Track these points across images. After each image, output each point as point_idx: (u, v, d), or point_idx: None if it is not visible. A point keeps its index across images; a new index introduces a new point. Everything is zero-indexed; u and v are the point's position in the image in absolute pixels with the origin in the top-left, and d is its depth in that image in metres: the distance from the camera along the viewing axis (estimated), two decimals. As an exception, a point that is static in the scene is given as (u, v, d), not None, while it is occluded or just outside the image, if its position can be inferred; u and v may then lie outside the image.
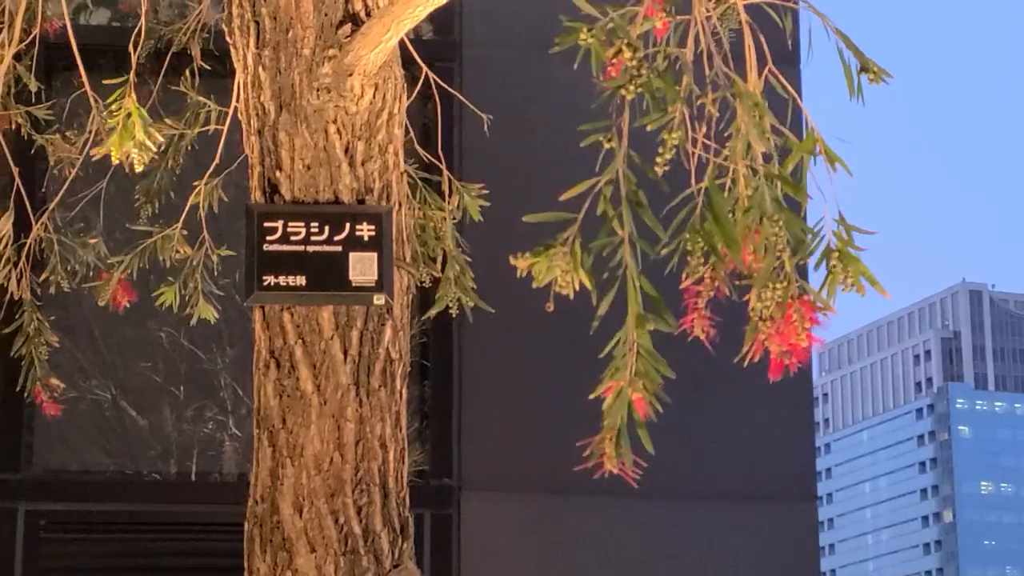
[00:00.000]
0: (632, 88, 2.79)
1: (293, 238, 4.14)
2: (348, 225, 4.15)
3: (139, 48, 5.65)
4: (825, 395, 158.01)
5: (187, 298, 5.77)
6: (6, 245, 5.75)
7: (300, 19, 4.22)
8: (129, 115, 5.21)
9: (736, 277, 3.11)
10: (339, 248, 4.14)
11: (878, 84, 3.48)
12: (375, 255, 4.13)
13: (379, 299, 4.13)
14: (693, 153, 2.99)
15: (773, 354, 3.09)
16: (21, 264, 5.82)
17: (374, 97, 4.23)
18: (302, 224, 4.15)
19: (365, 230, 4.15)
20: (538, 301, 5.72)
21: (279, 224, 4.15)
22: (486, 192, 5.70)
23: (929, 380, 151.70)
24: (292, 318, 4.13)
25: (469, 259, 5.48)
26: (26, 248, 5.86)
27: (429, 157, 5.56)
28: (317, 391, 4.09)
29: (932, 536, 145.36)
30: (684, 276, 3.15)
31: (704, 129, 3.02)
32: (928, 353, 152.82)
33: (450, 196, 5.65)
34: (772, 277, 3.07)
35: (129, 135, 5.19)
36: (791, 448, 8.31)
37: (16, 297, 5.85)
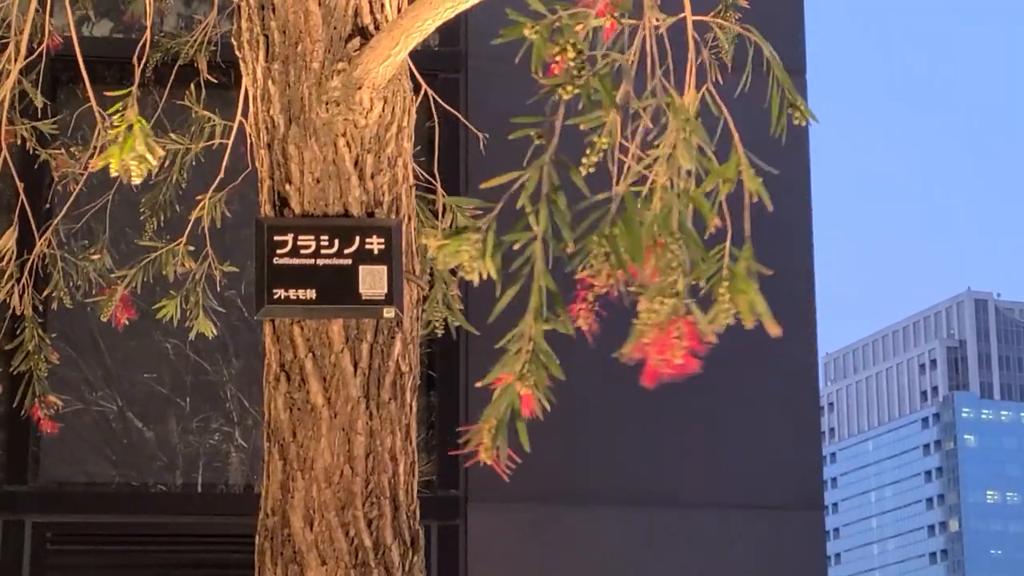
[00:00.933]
0: (570, 88, 2.79)
1: (303, 251, 4.15)
2: (358, 238, 4.16)
3: (144, 60, 5.67)
4: (831, 404, 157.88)
5: (188, 312, 5.77)
6: (9, 261, 5.75)
7: (309, 33, 4.23)
8: (131, 127, 5.21)
9: (631, 283, 3.10)
10: (349, 261, 4.15)
11: (803, 124, 3.47)
12: (385, 268, 4.14)
13: (389, 312, 4.13)
14: (622, 160, 2.99)
15: (651, 362, 3.08)
16: (24, 280, 5.82)
17: (383, 110, 4.23)
18: (312, 237, 4.15)
19: (375, 243, 4.16)
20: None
21: (289, 238, 4.15)
22: (479, 212, 5.71)
23: (935, 389, 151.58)
24: (302, 331, 4.13)
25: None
26: (29, 264, 5.86)
27: (424, 174, 5.56)
28: (327, 404, 4.09)
29: (938, 545, 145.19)
30: (580, 268, 3.14)
31: (636, 138, 3.01)
32: (934, 362, 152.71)
33: (443, 214, 5.67)
34: (664, 291, 3.06)
35: (129, 147, 5.20)
36: (797, 457, 8.31)
37: (18, 313, 5.85)
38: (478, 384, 2.72)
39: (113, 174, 5.29)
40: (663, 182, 2.97)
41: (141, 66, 5.59)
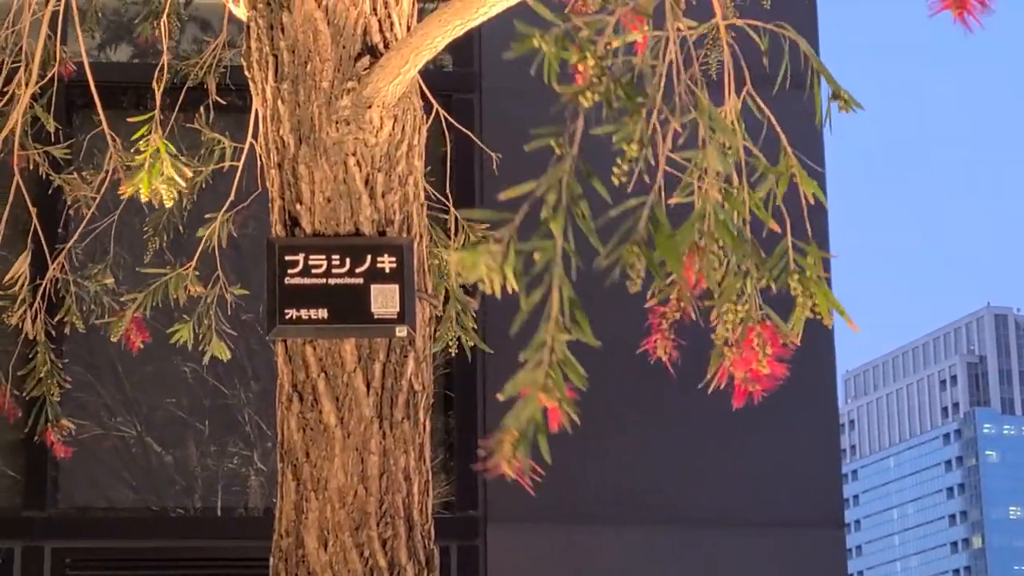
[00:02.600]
0: (590, 96, 2.77)
1: (314, 271, 4.14)
2: (369, 257, 4.15)
3: (163, 84, 5.68)
4: (851, 422, 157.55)
5: (201, 336, 5.77)
6: (22, 286, 5.75)
7: (318, 52, 4.23)
8: (157, 151, 5.23)
9: (701, 299, 3.09)
10: (361, 280, 4.14)
11: (847, 112, 3.45)
12: (397, 287, 4.13)
13: (401, 331, 4.12)
14: (658, 166, 2.96)
15: (737, 380, 3.05)
16: (36, 304, 5.82)
17: (393, 129, 4.23)
18: (323, 257, 4.14)
19: (386, 262, 4.15)
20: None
21: (300, 257, 4.14)
22: (491, 232, 5.70)
23: (955, 405, 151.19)
24: (315, 351, 4.12)
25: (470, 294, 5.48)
26: (42, 289, 5.86)
27: (436, 194, 5.56)
28: (340, 424, 4.08)
29: (961, 562, 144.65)
30: (648, 295, 3.12)
31: (666, 144, 2.99)
32: (954, 378, 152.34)
33: (456, 234, 5.66)
34: (733, 299, 3.04)
35: (157, 172, 5.21)
36: (818, 475, 8.28)
37: (31, 337, 5.85)
38: (499, 396, 2.69)
39: (144, 199, 5.30)
40: (708, 186, 2.95)
41: (160, 90, 5.60)
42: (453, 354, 5.79)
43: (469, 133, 6.31)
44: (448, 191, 5.62)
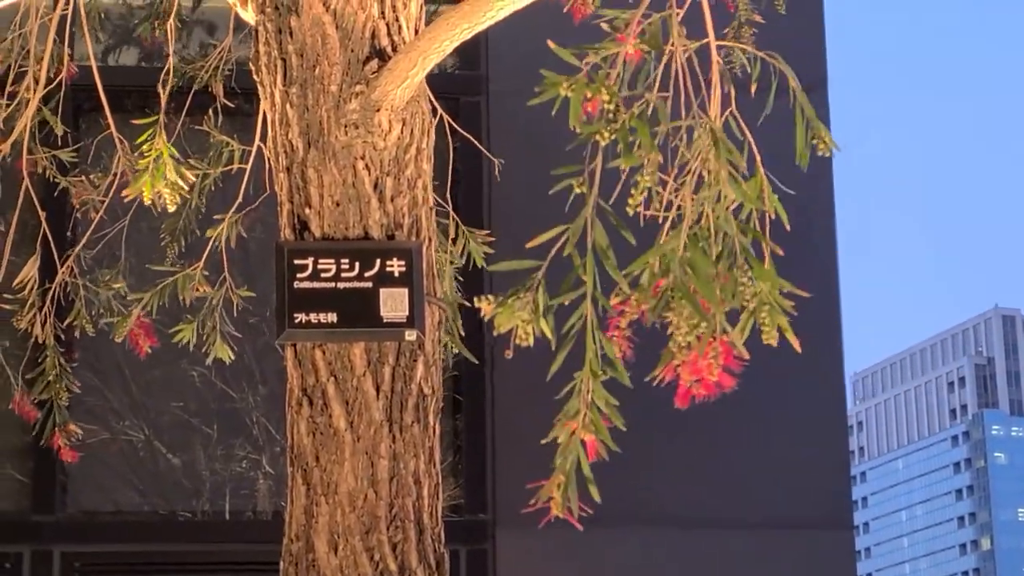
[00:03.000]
0: (607, 134, 2.78)
1: (323, 275, 4.13)
2: (378, 261, 4.14)
3: (169, 87, 5.68)
4: (859, 424, 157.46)
5: (204, 337, 5.77)
6: (31, 289, 5.75)
7: (327, 56, 4.22)
8: (160, 155, 5.23)
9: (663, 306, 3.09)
10: (370, 284, 4.13)
11: (826, 155, 3.46)
12: (406, 291, 4.12)
13: (411, 335, 4.12)
14: (664, 197, 2.98)
15: (682, 382, 3.06)
16: (45, 308, 5.82)
17: (402, 132, 4.22)
18: (332, 261, 4.14)
19: (396, 266, 4.14)
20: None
21: (309, 261, 4.14)
22: (492, 239, 5.72)
23: (964, 407, 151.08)
24: (324, 355, 4.12)
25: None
26: (51, 292, 5.86)
27: (438, 199, 5.57)
28: (350, 428, 4.08)
29: (970, 564, 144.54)
30: (613, 294, 3.12)
31: (675, 171, 3.01)
32: (962, 380, 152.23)
33: (455, 240, 5.66)
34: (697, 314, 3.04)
35: (160, 175, 5.21)
36: (827, 477, 8.27)
37: (40, 341, 5.85)
38: (543, 442, 2.74)
39: (147, 202, 5.30)
40: (708, 211, 2.97)
41: (166, 93, 5.60)
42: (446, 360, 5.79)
43: (469, 136, 6.30)
44: (448, 195, 5.62)
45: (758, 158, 3.29)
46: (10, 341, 6.88)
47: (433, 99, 4.89)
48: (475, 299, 2.90)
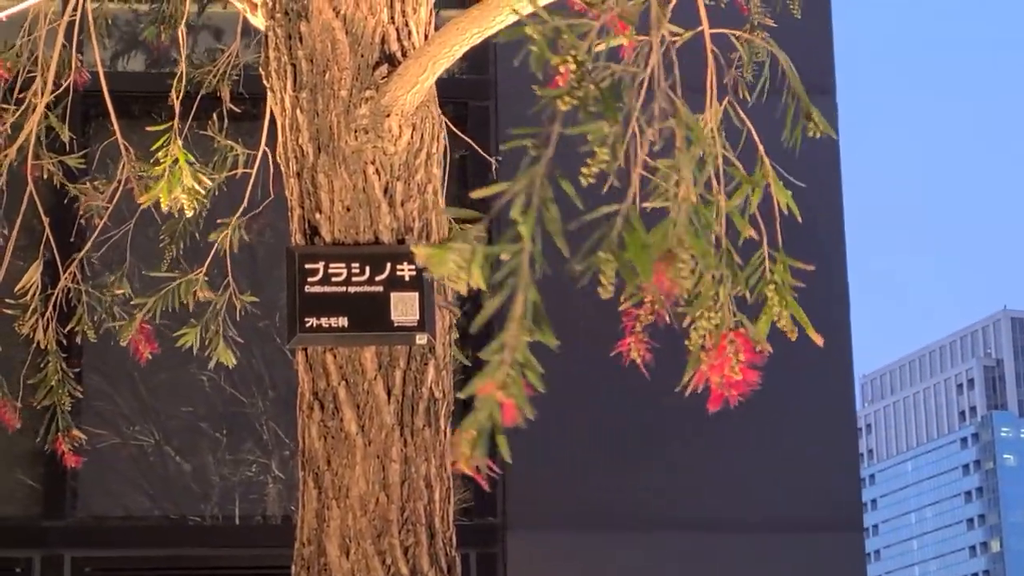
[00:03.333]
0: (568, 100, 2.77)
1: (334, 279, 4.14)
2: (389, 265, 4.15)
3: (180, 94, 5.69)
4: (868, 426, 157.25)
5: (207, 341, 5.77)
6: (34, 295, 5.76)
7: (336, 61, 4.23)
8: (176, 161, 5.24)
9: (676, 304, 3.08)
10: (380, 288, 4.14)
11: (818, 136, 3.44)
12: (416, 295, 4.13)
13: (421, 339, 4.12)
14: (633, 170, 2.96)
15: (713, 385, 3.05)
16: (48, 314, 5.82)
17: (412, 137, 4.23)
18: (343, 265, 4.14)
19: (406, 270, 4.15)
20: (579, 339, 5.72)
21: (320, 266, 4.15)
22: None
23: (973, 409, 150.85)
24: (335, 359, 4.12)
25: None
26: (53, 298, 5.87)
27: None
28: (361, 432, 4.08)
29: (980, 566, 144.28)
30: (622, 299, 3.11)
31: (643, 151, 2.98)
32: (971, 381, 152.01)
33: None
34: (708, 306, 3.03)
35: (177, 181, 5.22)
36: (836, 479, 8.27)
37: (42, 347, 5.85)
38: (460, 395, 2.69)
39: (164, 209, 5.31)
40: (683, 194, 2.94)
41: (179, 100, 5.61)
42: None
43: (470, 141, 6.30)
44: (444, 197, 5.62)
45: (760, 146, 3.29)
46: (10, 347, 6.89)
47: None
48: (411, 248, 2.85)
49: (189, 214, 5.34)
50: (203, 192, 5.26)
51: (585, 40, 2.81)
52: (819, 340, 3.05)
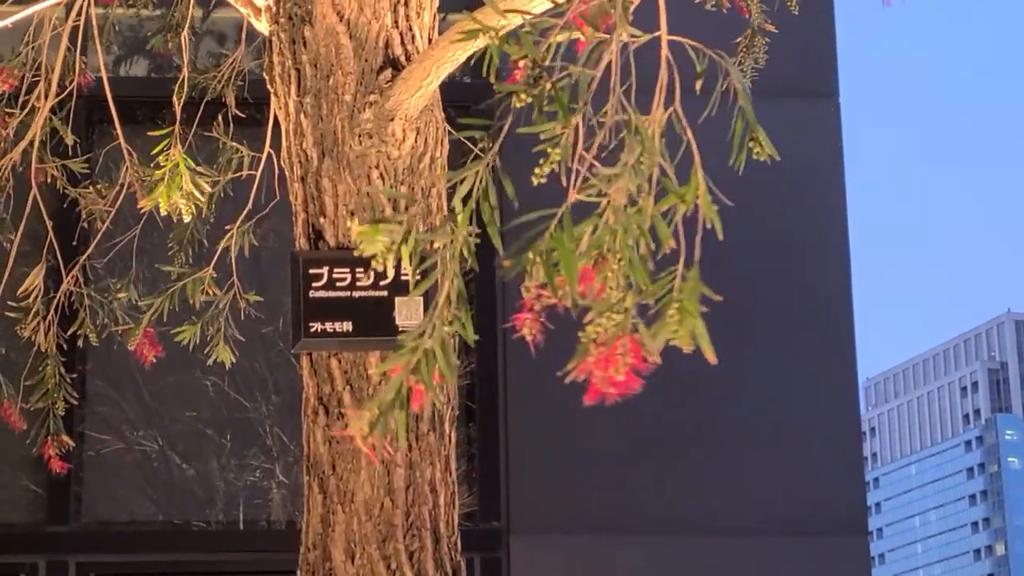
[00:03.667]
0: (524, 96, 2.77)
1: (339, 284, 4.14)
2: (393, 270, 4.15)
3: (183, 99, 5.69)
4: (872, 429, 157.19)
5: (209, 339, 5.77)
6: (36, 298, 5.76)
7: (340, 66, 4.23)
8: (176, 166, 5.25)
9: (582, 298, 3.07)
10: (385, 293, 4.14)
11: (763, 159, 3.41)
12: (420, 299, 4.13)
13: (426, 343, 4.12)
14: (577, 172, 2.95)
15: (594, 379, 3.04)
16: (49, 317, 5.82)
17: (416, 141, 4.23)
18: (347, 270, 4.14)
19: (410, 274, 4.15)
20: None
21: (324, 271, 4.15)
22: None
23: (977, 412, 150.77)
24: (340, 364, 4.13)
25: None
26: (55, 302, 5.87)
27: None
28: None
29: (985, 570, 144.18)
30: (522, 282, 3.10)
31: (592, 153, 2.97)
32: (975, 384, 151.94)
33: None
34: (613, 307, 3.02)
35: (177, 186, 5.23)
36: (840, 483, 8.26)
37: (42, 350, 5.86)
38: (371, 372, 2.68)
39: (163, 213, 5.31)
40: (619, 201, 2.92)
41: (181, 105, 5.61)
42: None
43: (462, 138, 6.30)
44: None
45: (697, 158, 3.26)
46: (16, 350, 6.89)
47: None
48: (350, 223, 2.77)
49: (187, 219, 5.34)
50: (202, 197, 5.25)
51: (546, 38, 2.81)
52: (713, 359, 3.01)
